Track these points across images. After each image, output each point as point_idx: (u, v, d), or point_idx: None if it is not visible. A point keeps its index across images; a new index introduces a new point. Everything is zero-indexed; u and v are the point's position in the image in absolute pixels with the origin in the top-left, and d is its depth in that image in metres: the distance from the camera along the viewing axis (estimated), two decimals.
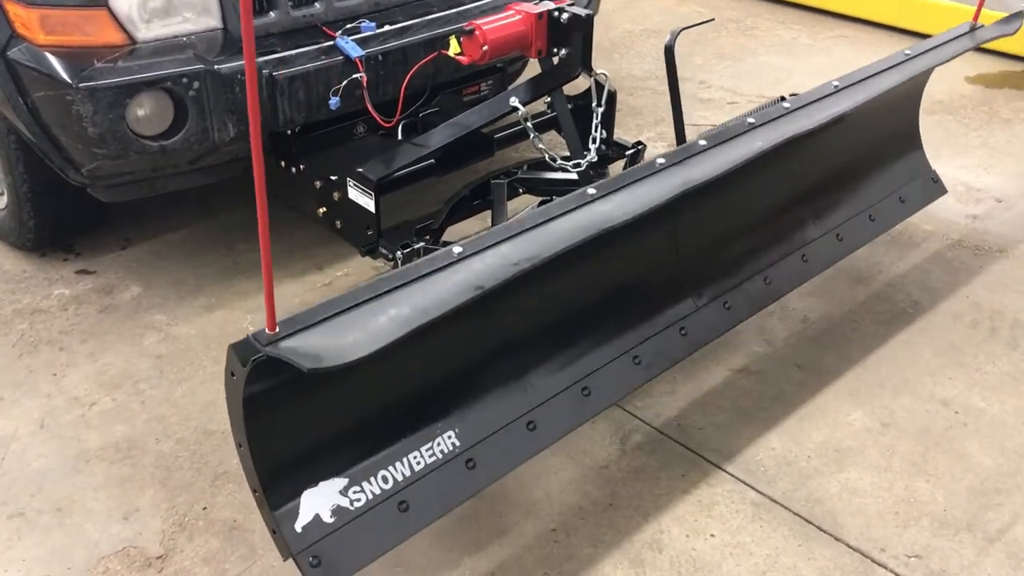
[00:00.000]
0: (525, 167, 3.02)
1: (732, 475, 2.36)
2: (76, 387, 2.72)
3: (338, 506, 1.88)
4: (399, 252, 2.73)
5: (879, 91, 2.57)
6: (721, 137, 2.29)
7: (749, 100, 4.34)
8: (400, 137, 3.14)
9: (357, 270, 3.22)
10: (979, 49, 4.77)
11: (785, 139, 2.32)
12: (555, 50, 2.63)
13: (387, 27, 2.98)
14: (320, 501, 1.87)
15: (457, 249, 1.89)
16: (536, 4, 2.61)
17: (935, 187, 3.17)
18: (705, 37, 5.04)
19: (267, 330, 1.66)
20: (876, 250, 3.22)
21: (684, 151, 2.24)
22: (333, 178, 2.88)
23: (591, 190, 2.07)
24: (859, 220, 2.88)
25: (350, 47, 2.88)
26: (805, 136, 2.39)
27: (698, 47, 4.93)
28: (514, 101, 2.63)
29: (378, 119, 2.85)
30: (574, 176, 2.81)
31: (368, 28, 2.93)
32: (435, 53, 2.80)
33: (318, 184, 2.89)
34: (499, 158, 3.27)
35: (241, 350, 1.65)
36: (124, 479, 2.41)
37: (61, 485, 2.39)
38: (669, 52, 2.72)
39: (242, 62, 2.69)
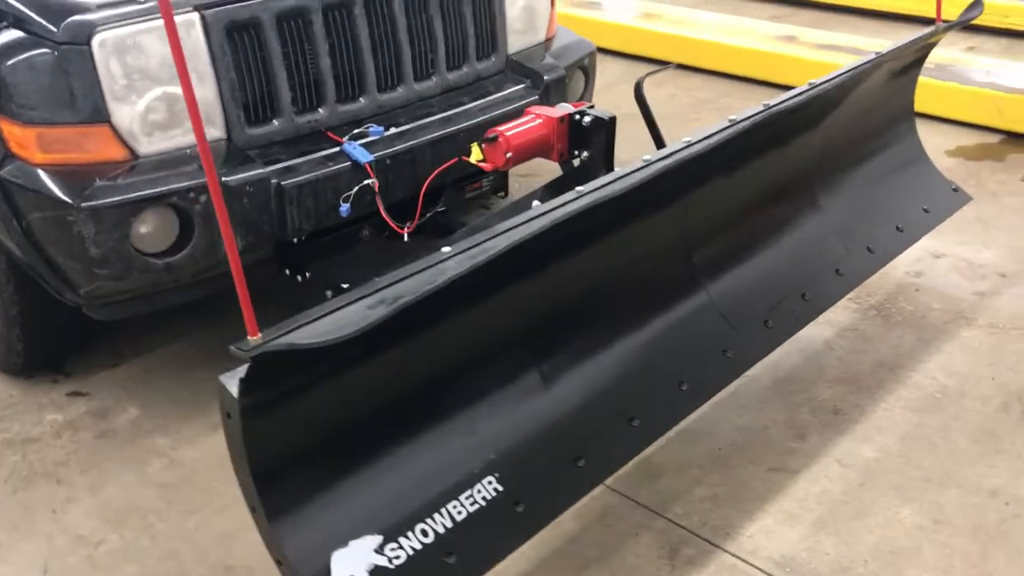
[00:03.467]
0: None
1: None
2: (79, 524, 2.53)
3: (376, 566, 1.72)
4: None
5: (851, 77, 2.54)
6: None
7: None
8: (407, 239, 3.06)
9: None
10: (955, 122, 4.94)
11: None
12: (576, 152, 2.58)
13: (394, 130, 2.92)
14: (353, 562, 1.71)
15: (446, 249, 1.85)
16: (555, 107, 2.57)
17: (957, 196, 3.14)
18: (686, 118, 5.07)
19: (249, 336, 1.55)
20: (892, 332, 3.18)
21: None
22: (345, 287, 2.78)
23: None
24: (887, 232, 2.84)
25: (358, 152, 2.81)
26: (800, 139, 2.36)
27: (676, 125, 4.96)
28: (536, 204, 2.57)
29: (393, 226, 2.76)
30: None
31: (376, 132, 2.87)
32: (455, 159, 2.74)
33: (329, 294, 2.78)
34: None
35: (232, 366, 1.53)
36: None
37: None
38: (638, 89, 2.71)
39: (250, 172, 2.64)
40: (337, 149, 2.83)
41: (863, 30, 6.42)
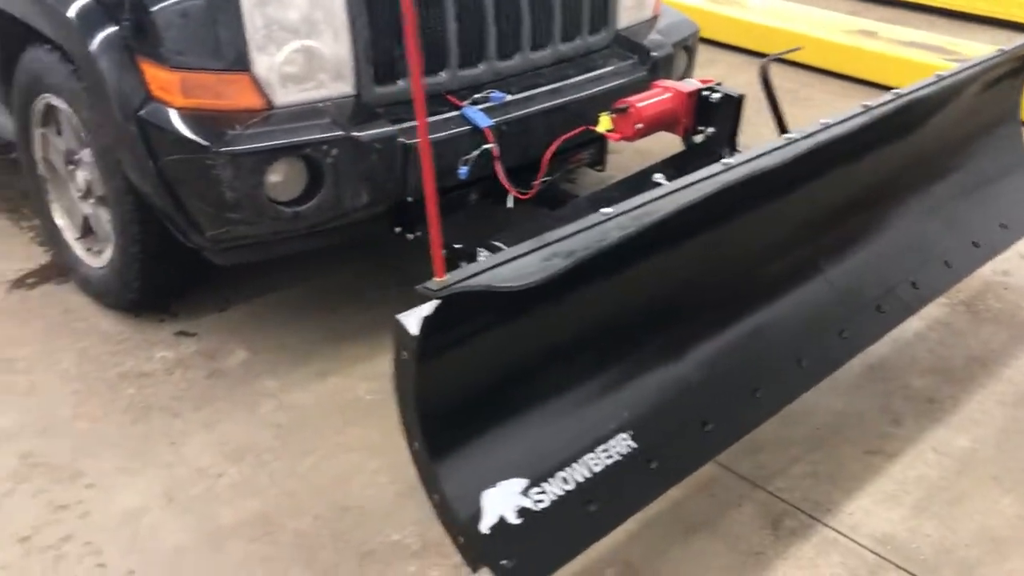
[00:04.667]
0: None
1: (892, 562, 2.32)
2: (197, 457, 2.63)
3: (522, 507, 1.81)
4: None
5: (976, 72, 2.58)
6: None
7: None
8: (510, 206, 3.13)
9: None
10: None
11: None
12: (701, 128, 2.64)
13: (513, 96, 2.98)
14: (502, 502, 1.80)
15: (607, 210, 1.92)
16: (683, 82, 2.62)
17: None
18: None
19: (436, 277, 1.62)
20: (982, 328, 3.22)
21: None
22: (458, 246, 2.85)
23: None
24: (992, 229, 2.90)
25: (478, 117, 2.87)
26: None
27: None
28: (659, 178, 2.63)
29: (513, 191, 2.83)
30: None
31: (497, 98, 2.93)
32: (582, 128, 2.80)
33: (444, 252, 2.85)
34: None
35: (423, 303, 1.62)
36: (265, 559, 2.32)
37: (201, 565, 2.30)
38: (764, 72, 2.75)
39: (379, 130, 2.71)
40: (457, 112, 2.90)
41: (939, 28, 6.40)
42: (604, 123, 2.59)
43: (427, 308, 1.62)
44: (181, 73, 2.59)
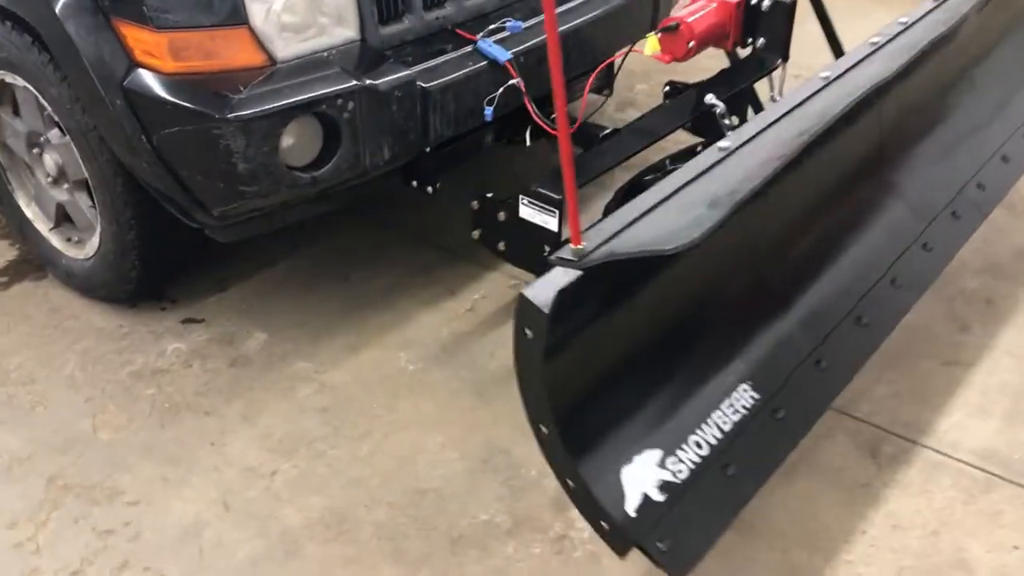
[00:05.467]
0: (668, 161, 2.81)
1: (1002, 477, 2.24)
2: (244, 455, 2.41)
3: (663, 481, 1.66)
4: None
5: None
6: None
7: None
8: (529, 142, 2.91)
9: (493, 291, 2.97)
10: None
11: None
12: (750, 40, 2.44)
13: (531, 22, 2.73)
14: (642, 478, 1.64)
15: (723, 144, 1.72)
16: None
17: None
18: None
19: (573, 245, 1.44)
20: (1021, 221, 3.14)
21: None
22: (490, 195, 2.63)
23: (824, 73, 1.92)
24: None
25: (495, 50, 2.62)
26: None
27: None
28: (711, 99, 2.43)
29: (547, 127, 2.60)
30: None
31: (514, 27, 2.68)
32: (627, 50, 2.56)
33: (475, 204, 2.63)
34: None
35: (555, 275, 1.44)
36: (349, 560, 2.13)
37: (281, 575, 2.10)
38: None
39: (396, 75, 2.45)
40: (470, 48, 2.65)
41: None
42: (651, 45, 2.37)
43: (561, 279, 1.42)
44: (169, 34, 2.28)
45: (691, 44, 2.30)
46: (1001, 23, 2.72)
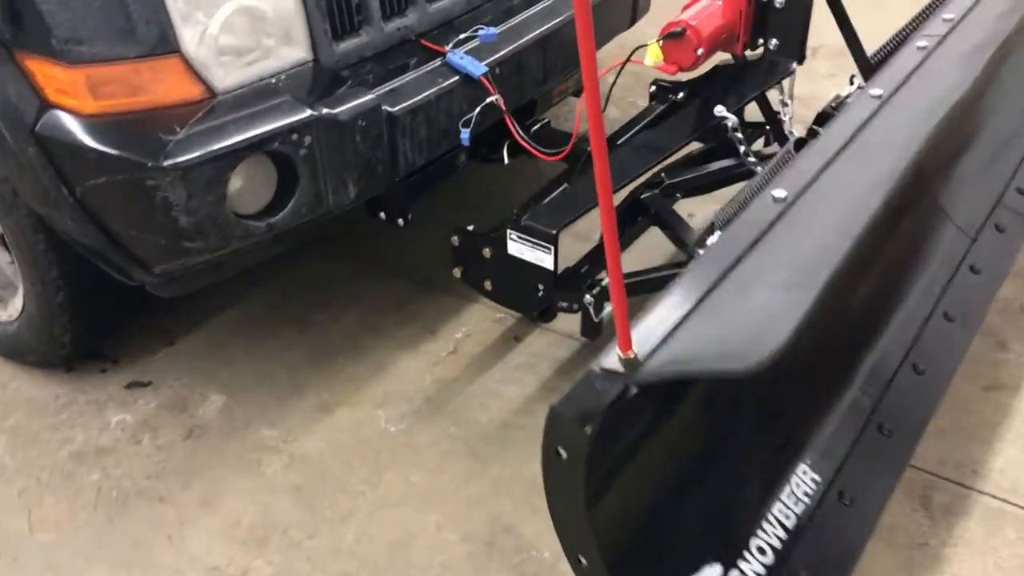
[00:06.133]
0: (665, 175, 2.50)
1: None
2: (208, 552, 2.08)
3: None
4: (590, 295, 2.19)
5: None
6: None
7: None
8: (507, 160, 2.60)
9: (477, 327, 2.66)
10: None
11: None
12: (763, 41, 2.14)
13: (506, 26, 2.41)
14: None
15: (779, 193, 1.42)
16: None
17: None
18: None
19: (621, 353, 1.15)
20: None
21: None
22: (472, 228, 2.32)
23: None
24: None
25: (468, 63, 2.30)
26: None
27: None
28: (721, 111, 2.13)
29: (539, 153, 2.28)
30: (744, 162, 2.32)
31: (488, 36, 2.35)
32: (624, 60, 2.24)
33: (456, 239, 2.32)
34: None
35: (600, 387, 1.13)
36: None
37: None
38: None
39: (357, 101, 2.12)
40: (439, 62, 2.32)
41: None
42: (653, 54, 2.07)
43: (605, 390, 1.12)
44: (85, 68, 1.92)
45: (700, 51, 2.00)
46: None
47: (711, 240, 1.52)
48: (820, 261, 1.30)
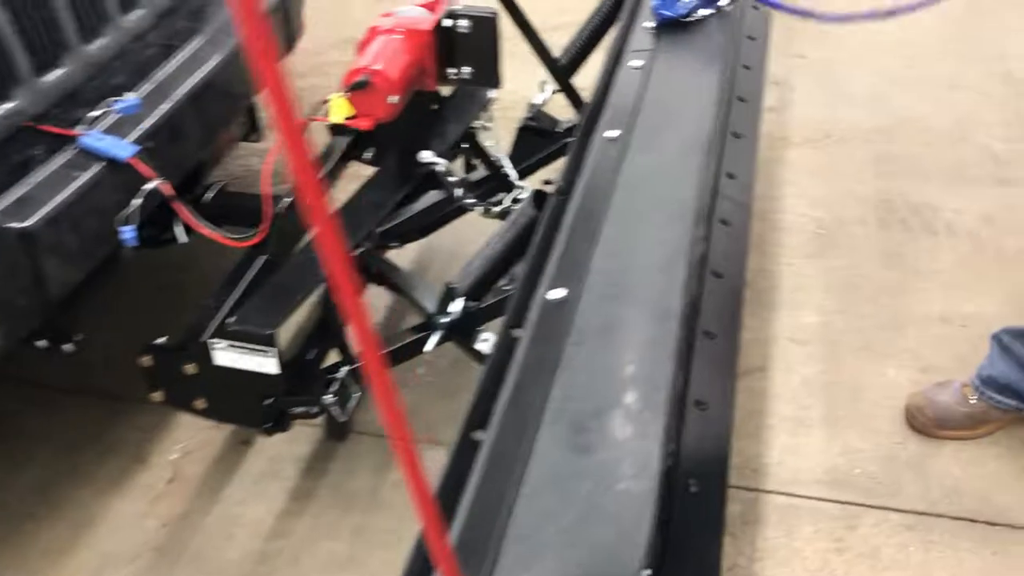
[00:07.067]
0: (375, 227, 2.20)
1: (857, 504, 2.01)
2: None
3: None
4: (330, 394, 1.87)
5: None
6: None
7: None
8: (184, 239, 2.18)
9: (194, 440, 2.25)
10: None
11: None
12: (455, 72, 1.89)
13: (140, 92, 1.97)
14: None
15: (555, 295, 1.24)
16: (407, 13, 1.83)
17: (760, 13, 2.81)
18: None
19: None
20: None
21: None
22: (163, 342, 1.90)
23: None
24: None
25: (109, 145, 1.85)
26: None
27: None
28: (428, 156, 1.85)
29: (226, 240, 1.88)
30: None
31: (129, 107, 1.91)
32: (308, 119, 1.87)
33: (146, 360, 1.89)
34: None
35: None
36: None
37: None
38: None
39: None
40: (74, 149, 1.85)
41: None
42: (340, 108, 1.74)
43: None
44: None
45: (393, 99, 1.72)
46: None
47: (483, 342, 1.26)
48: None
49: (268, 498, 2.11)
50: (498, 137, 2.19)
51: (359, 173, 2.13)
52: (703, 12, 1.88)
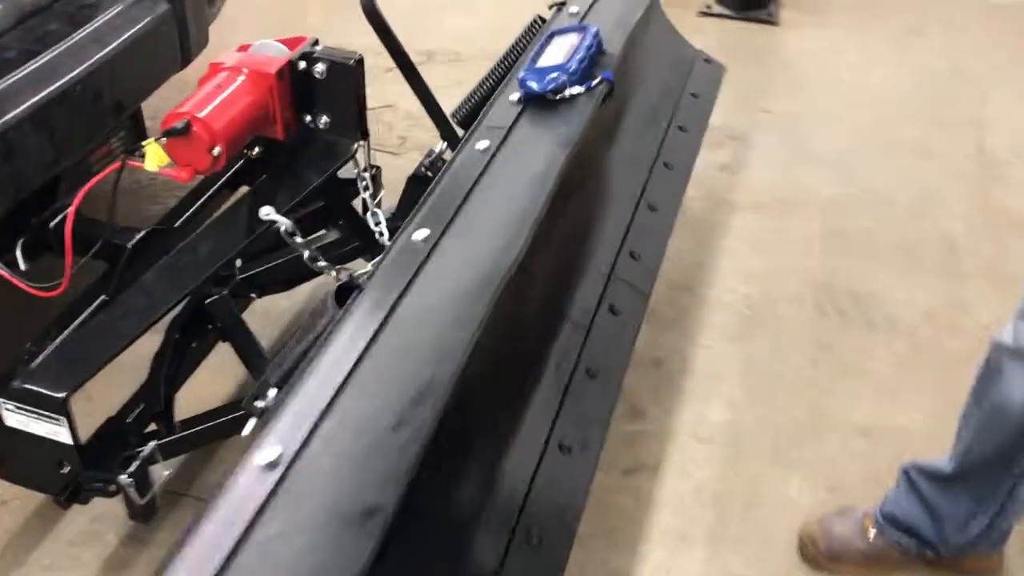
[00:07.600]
0: (238, 264, 1.98)
1: None
2: None
3: None
4: (126, 475, 1.66)
5: None
6: None
7: None
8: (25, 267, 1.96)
9: (21, 491, 2.01)
10: None
11: None
12: (311, 119, 1.66)
13: None
14: None
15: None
16: (257, 53, 1.60)
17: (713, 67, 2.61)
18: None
19: None
20: None
21: None
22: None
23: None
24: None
25: None
26: None
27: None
28: (269, 213, 1.62)
29: (22, 287, 1.66)
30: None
31: None
32: (117, 164, 1.64)
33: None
34: None
35: None
36: None
37: None
38: (373, 15, 1.74)
39: None
40: None
41: None
42: (155, 156, 1.51)
43: None
44: None
45: (216, 150, 1.49)
46: None
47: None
48: None
49: (79, 566, 1.89)
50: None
51: None
52: (575, 90, 1.65)
